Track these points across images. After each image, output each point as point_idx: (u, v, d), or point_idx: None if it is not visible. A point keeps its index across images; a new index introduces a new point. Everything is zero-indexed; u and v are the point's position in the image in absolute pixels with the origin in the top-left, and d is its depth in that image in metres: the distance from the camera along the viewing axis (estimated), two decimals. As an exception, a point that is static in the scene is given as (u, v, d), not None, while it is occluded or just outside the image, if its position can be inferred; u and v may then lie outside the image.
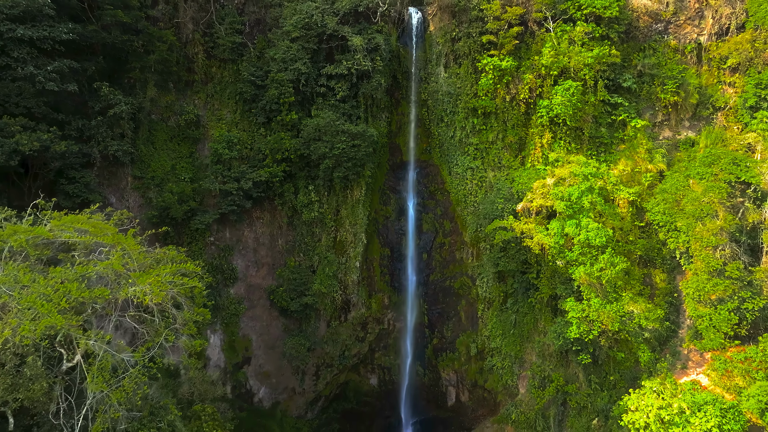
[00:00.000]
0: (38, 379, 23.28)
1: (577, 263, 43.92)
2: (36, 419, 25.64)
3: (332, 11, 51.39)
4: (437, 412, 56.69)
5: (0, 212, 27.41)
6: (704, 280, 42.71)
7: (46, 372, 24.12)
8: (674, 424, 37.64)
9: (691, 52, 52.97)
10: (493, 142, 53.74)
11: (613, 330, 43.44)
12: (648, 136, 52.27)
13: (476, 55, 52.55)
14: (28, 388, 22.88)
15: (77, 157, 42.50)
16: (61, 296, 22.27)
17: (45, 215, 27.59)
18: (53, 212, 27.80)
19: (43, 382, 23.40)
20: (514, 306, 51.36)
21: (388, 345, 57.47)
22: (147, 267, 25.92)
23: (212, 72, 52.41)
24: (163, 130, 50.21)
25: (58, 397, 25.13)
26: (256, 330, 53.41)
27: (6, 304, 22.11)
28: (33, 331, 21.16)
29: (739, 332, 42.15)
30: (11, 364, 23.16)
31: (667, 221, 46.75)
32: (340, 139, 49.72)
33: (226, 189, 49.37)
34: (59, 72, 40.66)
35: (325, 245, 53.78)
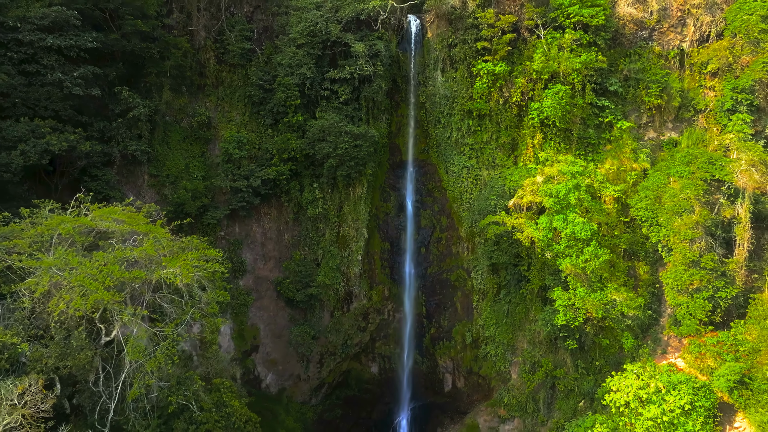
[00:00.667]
0: (83, 350, 26.99)
1: (564, 255, 47.62)
2: (77, 387, 29.30)
3: (336, 19, 55.16)
4: (435, 398, 60.43)
5: (47, 204, 31.24)
6: (681, 271, 46.42)
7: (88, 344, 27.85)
8: (651, 402, 41.41)
9: (674, 58, 56.60)
10: (488, 142, 57.46)
11: (597, 317, 47.27)
12: (633, 136, 55.94)
13: (471, 60, 56.23)
14: (74, 357, 26.55)
15: (99, 156, 46.21)
16: (105, 276, 25.96)
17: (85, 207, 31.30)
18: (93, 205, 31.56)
19: (87, 351, 27.09)
20: (506, 297, 55.08)
21: (388, 334, 61.20)
22: (175, 253, 29.65)
23: (223, 76, 56.18)
24: (177, 131, 53.97)
25: (98, 368, 28.80)
26: (263, 320, 57.12)
27: (58, 283, 25.80)
28: (84, 306, 24.86)
29: (714, 319, 45.80)
30: (60, 336, 26.90)
31: (649, 216, 50.49)
32: (343, 139, 53.43)
33: (237, 186, 53.14)
34: (84, 77, 44.39)
35: (329, 239, 57.54)
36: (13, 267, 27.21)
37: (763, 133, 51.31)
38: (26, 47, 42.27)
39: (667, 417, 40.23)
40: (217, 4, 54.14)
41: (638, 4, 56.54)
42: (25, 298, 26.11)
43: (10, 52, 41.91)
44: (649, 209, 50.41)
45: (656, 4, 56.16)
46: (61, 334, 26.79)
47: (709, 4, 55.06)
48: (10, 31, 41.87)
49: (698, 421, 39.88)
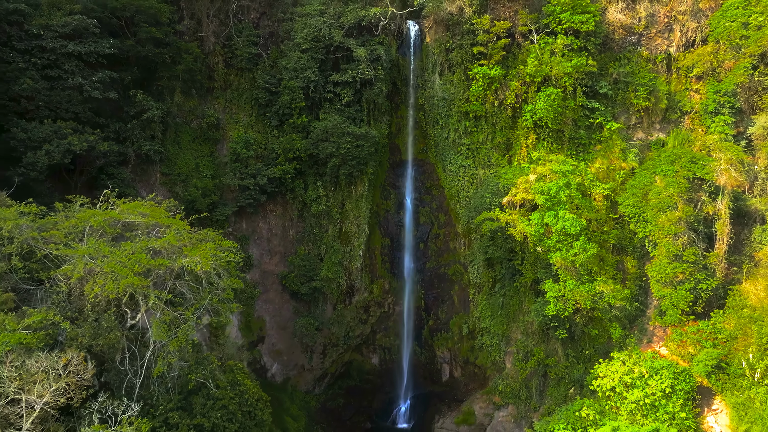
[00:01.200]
0: (112, 330, 30.08)
1: (555, 249, 50.73)
2: (105, 366, 32.40)
3: (338, 25, 58.30)
4: (433, 387, 63.57)
5: (78, 199, 34.40)
6: (665, 264, 49.58)
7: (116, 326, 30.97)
8: (635, 386, 44.50)
9: (661, 62, 59.77)
10: (483, 142, 60.61)
11: (586, 308, 50.38)
12: (622, 137, 59.11)
13: (468, 64, 59.36)
14: (105, 337, 29.65)
15: (115, 156, 49.26)
16: (134, 263, 29.05)
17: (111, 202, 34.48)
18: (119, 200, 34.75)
19: (116, 332, 30.19)
20: (501, 290, 58.20)
21: (388, 327, 64.37)
22: (194, 243, 32.74)
23: (230, 79, 59.33)
24: (187, 132, 57.14)
25: (124, 348, 31.92)
26: (269, 312, 60.25)
27: (92, 269, 28.90)
28: (116, 289, 27.97)
29: (695, 309, 48.97)
30: (92, 318, 30.04)
31: (636, 213, 53.68)
32: (346, 140, 56.54)
33: (244, 184, 56.29)
34: (102, 81, 47.55)
35: (332, 235, 60.70)
36: (49, 255, 30.32)
37: (744, 134, 54.42)
38: (49, 53, 45.40)
39: (649, 399, 43.33)
40: (225, 11, 57.29)
41: (627, 10, 59.68)
42: (62, 283, 29.20)
43: (34, 58, 45.05)
44: (636, 206, 53.60)
45: (644, 11, 59.32)
46: (93, 316, 29.92)
47: (695, 11, 58.21)
48: (34, 39, 45.00)
49: (678, 404, 42.99)
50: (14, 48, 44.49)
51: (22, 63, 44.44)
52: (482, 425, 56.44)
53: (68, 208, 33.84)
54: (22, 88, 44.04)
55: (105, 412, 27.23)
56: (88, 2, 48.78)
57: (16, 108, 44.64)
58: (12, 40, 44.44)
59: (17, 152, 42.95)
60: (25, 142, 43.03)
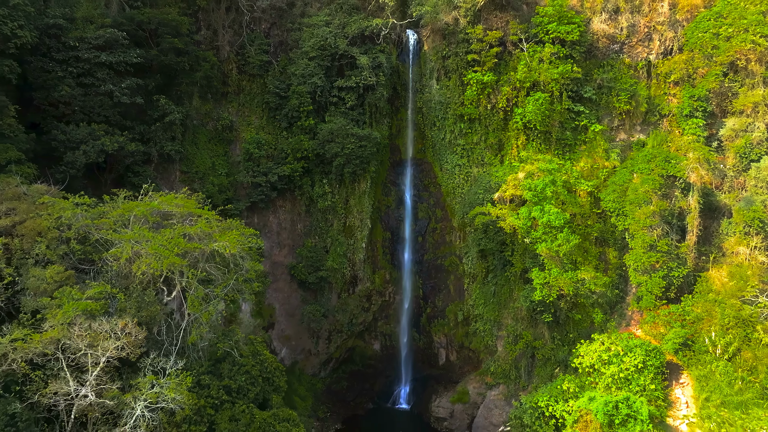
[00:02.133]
0: (153, 304, 35.74)
1: (541, 240, 56.37)
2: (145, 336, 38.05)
3: (343, 35, 63.99)
4: (430, 371, 69.23)
5: (122, 192, 40.10)
6: (641, 254, 55.28)
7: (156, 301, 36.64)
8: (611, 363, 50.21)
9: (642, 68, 65.45)
10: (477, 143, 66.31)
11: (570, 294, 56.04)
12: (606, 138, 64.82)
13: (463, 70, 65.04)
14: (147, 309, 35.30)
15: (140, 155, 54.92)
16: (173, 246, 34.67)
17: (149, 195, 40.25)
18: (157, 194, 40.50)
19: (156, 306, 35.86)
20: (493, 279, 63.92)
21: (388, 314, 70.08)
22: (222, 230, 38.34)
23: (243, 85, 65.06)
24: (204, 133, 62.87)
25: (161, 321, 37.56)
26: (279, 300, 65.96)
27: (137, 251, 34.56)
28: (159, 267, 33.62)
29: (668, 295, 54.65)
30: (137, 292, 35.71)
31: (616, 208, 59.39)
32: (350, 140, 62.24)
33: (256, 181, 62.01)
34: (130, 88, 53.16)
35: (337, 229, 66.43)
36: (99, 239, 35.93)
37: (716, 136, 60.11)
38: (83, 63, 51.02)
39: (623, 374, 49.04)
40: (239, 22, 63.05)
41: (610, 21, 65.38)
42: (113, 263, 34.77)
43: (70, 67, 50.68)
44: (617, 201, 59.33)
45: (626, 21, 65.00)
46: (138, 291, 35.59)
47: (672, 22, 63.92)
48: (70, 50, 50.63)
49: (648, 377, 48.68)
50: (53, 58, 50.14)
51: (60, 72, 50.10)
52: (476, 403, 62.12)
53: (114, 200, 39.54)
54: (61, 94, 49.73)
55: (156, 366, 32.85)
56: (117, 16, 54.56)
57: (54, 112, 50.34)
58: (51, 51, 50.09)
59: (58, 152, 48.66)
60: (64, 143, 48.76)
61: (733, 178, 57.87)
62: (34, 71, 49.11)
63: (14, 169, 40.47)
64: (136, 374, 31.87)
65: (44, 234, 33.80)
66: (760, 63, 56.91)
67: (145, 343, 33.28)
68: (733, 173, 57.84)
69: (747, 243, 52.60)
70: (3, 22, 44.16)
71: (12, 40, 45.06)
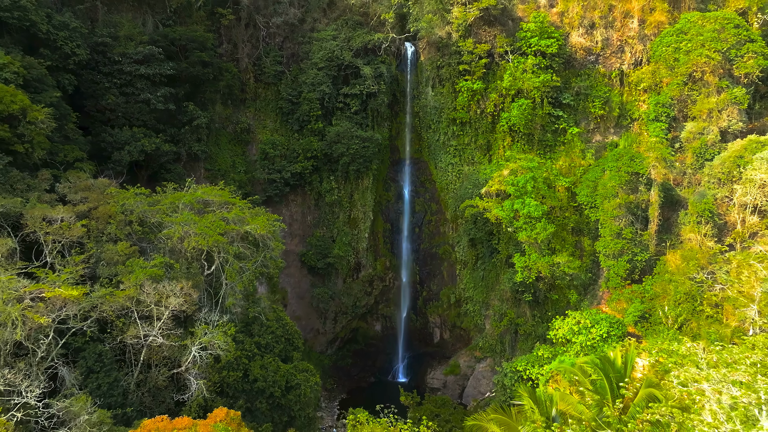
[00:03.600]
0: (197, 275, 45.15)
1: (522, 229, 65.76)
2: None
3: (348, 47, 73.52)
4: (426, 348, 78.68)
5: (171, 185, 49.65)
6: (609, 240, 64.75)
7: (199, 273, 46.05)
8: (580, 333, 59.52)
9: (615, 77, 74.95)
10: (468, 144, 75.82)
11: (547, 276, 65.43)
12: (582, 139, 74.32)
13: (455, 79, 74.54)
14: (194, 279, 44.68)
15: (172, 155, 64.41)
16: (215, 227, 44.02)
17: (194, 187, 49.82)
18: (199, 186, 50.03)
19: (200, 276, 45.27)
20: (482, 265, 73.37)
21: (389, 298, 79.54)
22: (253, 215, 47.70)
23: (259, 92, 74.60)
24: (225, 135, 72.38)
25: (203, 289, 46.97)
26: (290, 284, 75.38)
27: (188, 232, 43.92)
28: (206, 244, 42.97)
29: (633, 276, 64.09)
30: (184, 266, 45.10)
31: (589, 201, 68.85)
32: (354, 142, 71.70)
33: (272, 178, 71.50)
34: (164, 96, 62.63)
35: (342, 221, 75.91)
36: (154, 222, 45.28)
37: (678, 138, 69.55)
38: (126, 75, 60.48)
39: (590, 342, 58.37)
40: (256, 37, 72.60)
41: (586, 35, 74.95)
42: (168, 241, 44.04)
43: (115, 79, 60.17)
44: (590, 195, 68.80)
45: (600, 35, 74.56)
46: (185, 264, 44.98)
47: (641, 36, 73.45)
48: (115, 64, 60.11)
49: (611, 345, 58.03)
50: (100, 71, 59.62)
51: (107, 83, 59.60)
52: (466, 375, 71.55)
53: (164, 191, 49.04)
54: (107, 102, 59.24)
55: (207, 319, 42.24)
56: (153, 34, 64.07)
57: (101, 117, 59.83)
58: (99, 65, 59.57)
59: (105, 152, 58.13)
60: (111, 144, 58.25)
61: (691, 175, 67.31)
62: (85, 83, 58.56)
63: (79, 165, 49.93)
64: (192, 326, 41.24)
65: (113, 217, 43.14)
66: (713, 74, 66.37)
67: (197, 302, 42.70)
68: (692, 171, 67.27)
69: (698, 231, 62.02)
70: (64, 42, 53.65)
71: (71, 57, 54.53)
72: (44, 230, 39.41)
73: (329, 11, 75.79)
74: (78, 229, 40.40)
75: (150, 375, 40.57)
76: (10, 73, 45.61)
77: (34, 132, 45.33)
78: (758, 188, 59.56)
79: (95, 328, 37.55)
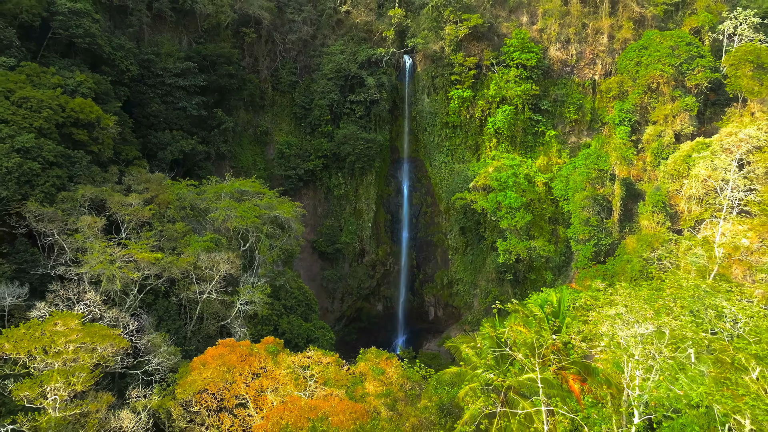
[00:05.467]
0: (236, 250, 58.10)
1: (503, 218, 78.72)
2: (227, 274, 60.35)
3: (354, 60, 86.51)
4: (422, 325, 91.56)
5: (213, 178, 62.60)
6: (578, 227, 77.70)
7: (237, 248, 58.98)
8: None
9: (588, 86, 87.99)
10: (459, 144, 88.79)
11: (525, 258, 78.40)
12: (559, 141, 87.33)
13: (447, 87, 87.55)
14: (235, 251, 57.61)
15: (204, 154, 77.36)
16: (252, 211, 56.91)
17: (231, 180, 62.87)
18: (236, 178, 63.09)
19: (238, 251, 58.24)
20: (471, 251, 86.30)
21: (389, 281, 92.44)
22: (280, 202, 60.59)
23: (276, 99, 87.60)
24: (246, 137, 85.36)
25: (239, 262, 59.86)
26: (303, 268, 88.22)
27: (229, 215, 56.80)
28: (245, 224, 55.84)
29: (599, 258, 77.05)
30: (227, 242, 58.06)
31: (563, 194, 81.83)
32: (359, 143, 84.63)
33: (287, 174, 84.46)
34: (197, 104, 75.65)
35: (348, 212, 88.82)
36: (201, 208, 58.12)
37: (639, 141, 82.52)
38: (166, 86, 73.48)
39: (559, 312, 71.19)
40: (274, 51, 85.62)
41: (563, 49, 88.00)
42: (215, 222, 56.79)
43: (157, 90, 73.12)
44: (563, 189, 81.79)
45: (575, 49, 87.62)
46: (226, 242, 57.85)
47: (611, 50, 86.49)
48: (157, 77, 73.09)
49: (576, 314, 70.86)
50: (146, 83, 72.62)
51: (151, 93, 72.58)
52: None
53: (209, 183, 62.05)
54: (152, 109, 72.21)
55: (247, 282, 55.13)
56: (188, 50, 77.07)
57: (146, 122, 72.77)
58: (145, 78, 72.55)
59: (151, 152, 71.12)
60: (156, 145, 71.23)
61: (651, 172, 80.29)
62: (134, 93, 71.48)
63: (137, 162, 62.89)
64: (236, 286, 54.17)
65: (170, 203, 56.01)
66: (668, 85, 79.34)
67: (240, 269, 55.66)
68: (650, 168, 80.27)
69: (653, 219, 74.99)
70: (121, 60, 66.61)
71: (126, 73, 67.45)
72: (123, 212, 52.37)
73: (337, 29, 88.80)
74: (147, 212, 53.31)
75: (203, 326, 53.42)
76: (86, 89, 58.50)
77: (104, 136, 58.22)
78: (701, 182, 72.51)
79: (167, 285, 50.45)
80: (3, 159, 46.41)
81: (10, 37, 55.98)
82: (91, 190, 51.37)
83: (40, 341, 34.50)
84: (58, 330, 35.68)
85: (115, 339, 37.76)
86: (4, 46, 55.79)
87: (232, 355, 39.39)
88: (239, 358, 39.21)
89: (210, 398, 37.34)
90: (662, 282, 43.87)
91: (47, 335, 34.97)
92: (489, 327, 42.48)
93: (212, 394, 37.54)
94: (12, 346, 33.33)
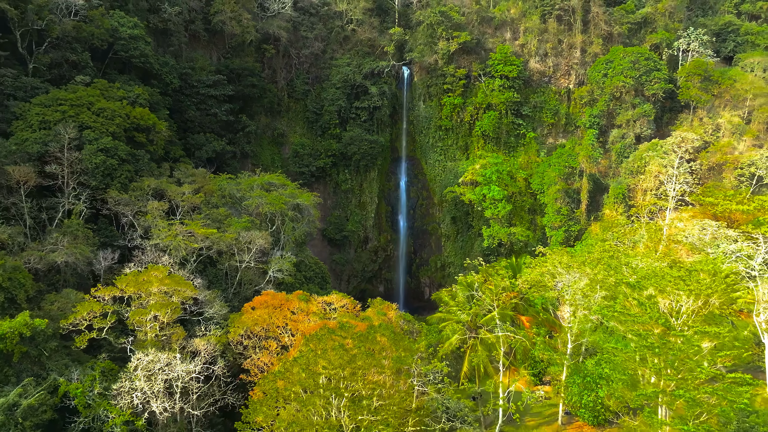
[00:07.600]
0: (267, 230, 73.92)
1: (488, 208, 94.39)
2: (257, 251, 76.29)
3: (359, 72, 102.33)
4: (419, 304, 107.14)
5: (246, 173, 78.39)
6: (552, 216, 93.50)
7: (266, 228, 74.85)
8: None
9: (564, 94, 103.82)
10: (451, 145, 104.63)
11: (506, 242, 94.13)
12: (538, 142, 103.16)
13: (441, 95, 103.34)
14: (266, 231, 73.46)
15: (231, 154, 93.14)
16: (279, 199, 72.48)
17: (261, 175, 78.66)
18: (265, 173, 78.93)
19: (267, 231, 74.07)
20: (461, 237, 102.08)
21: (390, 265, 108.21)
22: (301, 192, 76.24)
23: (291, 105, 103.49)
24: (265, 139, 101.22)
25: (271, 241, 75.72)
26: (315, 252, 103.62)
27: (260, 203, 72.46)
28: (273, 209, 71.41)
29: (569, 243, 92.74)
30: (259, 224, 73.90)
31: (539, 188, 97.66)
32: (363, 144, 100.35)
33: (301, 171, 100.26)
34: (226, 110, 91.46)
35: (354, 204, 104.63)
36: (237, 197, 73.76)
37: (606, 143, 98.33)
38: (201, 96, 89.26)
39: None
40: (290, 64, 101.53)
41: (541, 61, 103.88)
42: (249, 208, 72.32)
43: (193, 98, 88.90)
44: (539, 184, 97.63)
45: (552, 62, 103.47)
46: (259, 224, 73.56)
47: (583, 62, 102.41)
48: (193, 88, 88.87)
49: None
50: (183, 93, 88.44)
51: (188, 102, 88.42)
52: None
53: (242, 176, 77.82)
54: (189, 115, 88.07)
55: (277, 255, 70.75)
56: (218, 64, 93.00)
57: (184, 126, 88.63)
58: (183, 89, 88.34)
59: (189, 151, 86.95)
60: (193, 145, 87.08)
61: (615, 169, 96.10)
62: (175, 102, 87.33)
63: (183, 160, 78.63)
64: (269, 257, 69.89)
65: (214, 193, 71.74)
66: (629, 94, 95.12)
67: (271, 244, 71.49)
68: (615, 165, 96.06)
69: (614, 208, 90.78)
70: (166, 75, 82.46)
71: (170, 85, 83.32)
72: (178, 198, 68.13)
73: (344, 44, 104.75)
74: (197, 199, 69.05)
75: (241, 290, 69.12)
76: (143, 99, 74.24)
77: (158, 138, 73.98)
78: (654, 177, 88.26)
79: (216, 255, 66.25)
80: (92, 157, 62.23)
81: (85, 59, 71.79)
82: (154, 182, 67.14)
83: (143, 285, 50.33)
84: (153, 277, 51.50)
85: (189, 286, 53.60)
86: (81, 66, 71.62)
87: (274, 300, 55.20)
88: (279, 301, 55.02)
89: (259, 329, 53.09)
90: (592, 246, 59.69)
91: (147, 280, 50.83)
92: (462, 277, 58.25)
93: (261, 327, 53.31)
94: (133, 287, 49.18)
